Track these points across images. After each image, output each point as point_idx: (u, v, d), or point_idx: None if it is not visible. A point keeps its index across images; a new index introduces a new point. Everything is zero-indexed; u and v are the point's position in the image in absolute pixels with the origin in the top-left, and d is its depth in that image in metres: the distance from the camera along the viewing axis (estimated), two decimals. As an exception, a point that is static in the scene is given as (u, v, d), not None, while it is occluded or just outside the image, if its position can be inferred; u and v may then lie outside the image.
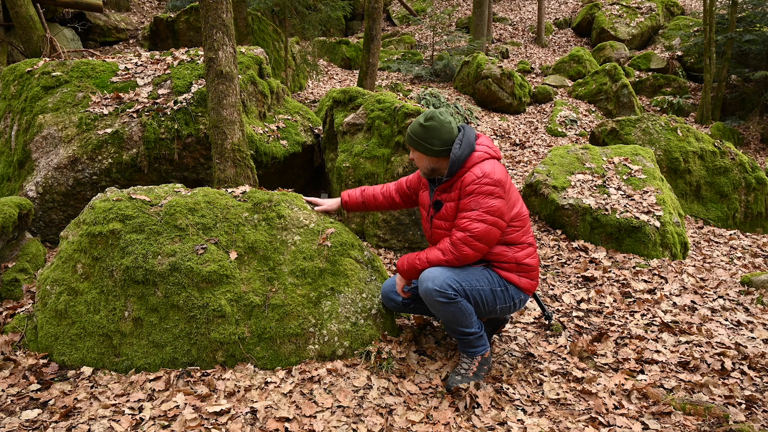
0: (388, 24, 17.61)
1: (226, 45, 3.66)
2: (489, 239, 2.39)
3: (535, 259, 2.55)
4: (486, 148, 2.49)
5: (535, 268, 2.55)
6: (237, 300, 2.61)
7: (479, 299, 2.46)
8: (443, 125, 2.45)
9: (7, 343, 2.67)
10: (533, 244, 2.56)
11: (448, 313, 2.44)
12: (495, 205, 2.36)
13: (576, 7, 17.68)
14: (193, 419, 2.18)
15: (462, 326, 2.47)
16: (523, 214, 2.52)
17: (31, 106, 4.25)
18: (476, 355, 2.53)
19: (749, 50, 11.16)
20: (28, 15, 7.55)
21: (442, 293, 2.37)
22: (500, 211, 2.37)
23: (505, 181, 2.40)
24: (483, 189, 2.36)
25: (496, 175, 2.37)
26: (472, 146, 2.45)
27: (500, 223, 2.39)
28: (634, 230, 4.35)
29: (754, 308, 3.37)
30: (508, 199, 2.41)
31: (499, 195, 2.36)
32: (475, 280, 2.45)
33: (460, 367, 2.53)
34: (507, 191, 2.41)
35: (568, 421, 2.24)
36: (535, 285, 2.59)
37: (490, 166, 2.40)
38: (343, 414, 2.26)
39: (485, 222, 2.36)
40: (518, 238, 2.49)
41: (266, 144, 4.60)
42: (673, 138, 5.98)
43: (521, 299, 2.56)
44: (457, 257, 2.41)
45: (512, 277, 2.50)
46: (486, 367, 2.55)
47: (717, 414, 2.23)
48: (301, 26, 9.50)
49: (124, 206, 2.71)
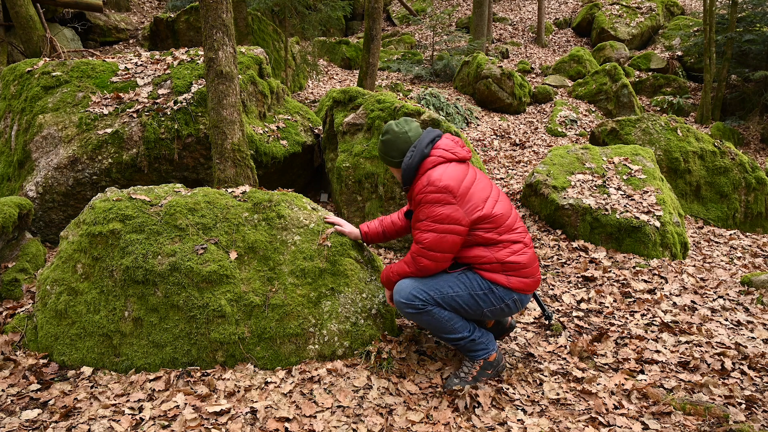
0: (388, 24, 17.61)
1: (226, 45, 3.66)
2: (444, 247, 2.31)
3: (523, 256, 2.39)
4: (441, 152, 2.41)
5: (525, 266, 2.40)
6: (237, 300, 2.61)
7: (457, 305, 2.39)
8: (398, 136, 2.48)
9: (7, 343, 2.67)
10: (520, 241, 2.41)
11: (423, 323, 2.44)
12: (443, 212, 2.28)
13: (576, 7, 17.68)
14: (193, 419, 2.18)
15: (445, 333, 2.45)
16: (496, 214, 2.37)
17: (31, 106, 4.25)
18: (477, 358, 2.49)
19: (749, 50, 11.16)
20: (28, 15, 7.55)
21: (409, 304, 2.38)
22: (451, 218, 2.28)
23: (454, 187, 2.30)
24: (428, 198, 2.30)
25: (443, 182, 2.29)
26: (423, 153, 2.41)
27: (456, 229, 2.29)
28: (634, 230, 4.35)
29: (754, 308, 3.37)
30: (463, 203, 2.30)
31: (447, 201, 2.28)
32: (448, 286, 2.39)
33: (461, 370, 2.52)
34: (460, 196, 2.30)
35: (568, 421, 2.24)
36: (530, 283, 2.43)
37: (438, 173, 2.32)
38: (343, 414, 2.26)
39: (435, 231, 2.29)
40: (495, 238, 2.36)
41: (266, 144, 4.60)
42: (673, 138, 5.98)
43: (515, 299, 2.43)
44: (418, 269, 2.38)
45: (498, 278, 2.38)
46: (489, 372, 2.51)
47: (717, 414, 2.23)
48: (301, 26, 9.50)
49: (124, 206, 2.71)
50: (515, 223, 2.45)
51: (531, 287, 2.46)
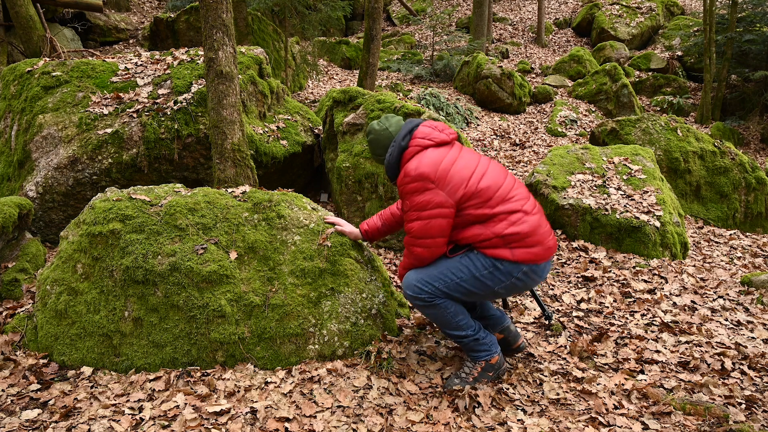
0: (388, 24, 17.61)
1: (226, 45, 3.66)
2: (433, 233, 2.29)
3: (523, 225, 2.28)
4: (418, 140, 2.40)
5: (528, 234, 2.28)
6: (237, 300, 2.61)
7: (465, 290, 2.35)
8: (380, 134, 2.53)
9: (7, 343, 2.67)
10: (517, 210, 2.31)
11: (430, 316, 2.43)
12: (423, 199, 2.26)
13: (576, 7, 17.68)
14: (193, 419, 2.18)
15: (450, 329, 2.43)
16: (482, 188, 2.29)
17: (31, 106, 4.25)
18: (479, 359, 2.48)
19: (749, 50, 11.16)
20: (28, 15, 7.55)
21: (416, 297, 2.38)
22: (433, 203, 2.25)
23: (429, 173, 2.26)
24: (407, 189, 2.31)
25: (419, 170, 2.27)
26: (401, 147, 2.42)
27: (441, 212, 2.26)
28: (634, 230, 4.35)
29: (754, 308, 3.37)
30: (443, 186, 2.26)
31: (425, 188, 2.26)
32: (451, 273, 2.34)
33: (462, 370, 2.51)
34: (438, 179, 2.26)
35: (568, 421, 2.24)
36: (538, 252, 2.31)
37: (413, 164, 2.31)
38: (343, 414, 2.26)
39: (420, 219, 2.29)
40: (488, 212, 2.28)
41: (266, 144, 4.60)
42: (673, 138, 5.98)
43: (524, 272, 2.31)
44: (415, 258, 2.39)
45: (502, 253, 2.28)
46: (490, 374, 2.49)
47: (717, 414, 2.23)
48: (301, 26, 9.50)
49: (124, 206, 2.71)
50: (509, 192, 2.35)
51: (540, 256, 2.33)
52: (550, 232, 2.39)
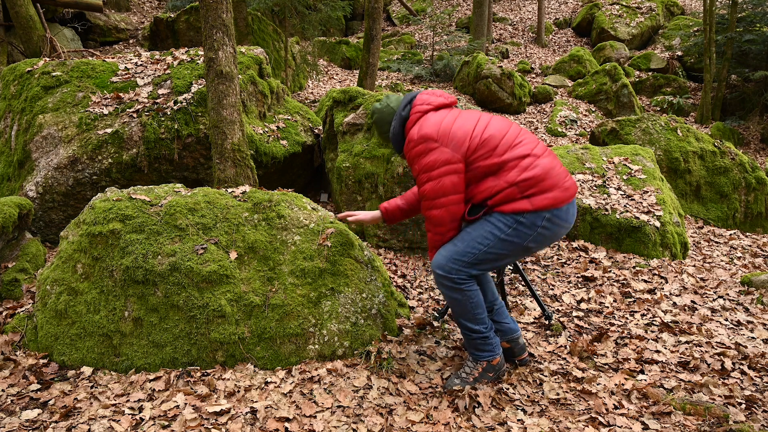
0: (388, 24, 17.61)
1: (226, 45, 3.66)
2: (446, 190, 2.26)
3: (536, 169, 2.23)
4: (417, 108, 2.42)
5: (542, 178, 2.23)
6: (237, 300, 2.61)
7: (495, 256, 2.31)
8: (383, 112, 2.56)
9: (7, 343, 2.67)
10: (527, 154, 2.26)
11: (452, 302, 2.39)
12: (430, 159, 2.26)
13: (576, 7, 17.68)
14: (193, 419, 2.18)
15: (466, 319, 2.41)
16: (486, 137, 2.27)
17: (31, 106, 4.25)
18: (481, 359, 2.47)
19: (749, 50, 11.16)
20: (28, 15, 7.55)
21: (444, 277, 2.35)
22: (440, 161, 2.24)
23: (431, 133, 2.28)
24: (413, 153, 2.33)
25: (421, 132, 2.30)
26: (402, 117, 2.46)
27: (451, 168, 2.24)
28: (634, 230, 4.35)
29: (754, 308, 3.37)
30: (447, 143, 2.26)
31: (429, 148, 2.27)
32: (476, 243, 2.30)
33: (462, 370, 2.51)
34: (440, 137, 2.27)
35: (568, 421, 2.24)
36: (558, 195, 2.24)
37: (415, 130, 2.34)
38: (343, 414, 2.26)
39: (431, 179, 2.26)
40: (497, 161, 2.25)
41: (266, 144, 4.60)
42: (673, 138, 5.98)
43: (548, 218, 2.25)
44: (435, 224, 2.33)
45: (521, 205, 2.23)
46: (490, 374, 2.49)
47: (717, 414, 2.23)
48: (301, 26, 9.50)
49: (124, 206, 2.71)
50: (516, 137, 2.31)
51: (560, 199, 2.26)
52: (566, 173, 2.33)
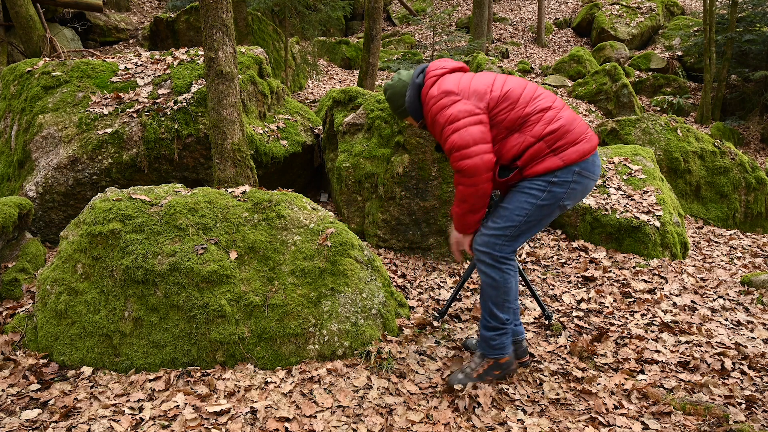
0: (388, 24, 17.61)
1: (226, 45, 3.66)
2: (475, 138, 2.22)
3: (560, 121, 2.25)
4: (432, 73, 2.43)
5: (567, 129, 2.25)
6: (237, 300, 2.61)
7: (536, 221, 2.31)
8: (395, 86, 2.56)
9: (7, 343, 2.67)
10: (549, 107, 2.27)
11: (487, 283, 2.37)
12: (454, 110, 2.26)
13: (576, 7, 17.68)
14: (193, 419, 2.18)
15: (495, 305, 2.38)
16: (506, 90, 2.30)
17: (31, 106, 4.25)
18: (488, 356, 2.45)
19: (749, 50, 11.16)
20: (28, 15, 7.55)
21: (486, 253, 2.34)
22: (464, 111, 2.25)
23: (452, 88, 2.30)
24: (434, 109, 2.32)
25: (441, 88, 2.32)
26: (416, 85, 2.47)
27: (475, 119, 2.24)
28: (634, 230, 4.35)
29: (754, 308, 3.37)
30: (469, 96, 2.28)
31: (452, 101, 2.27)
32: (515, 215, 2.30)
33: (468, 365, 2.48)
34: (461, 91, 2.29)
35: (568, 421, 2.24)
36: (584, 147, 2.26)
37: (435, 89, 2.35)
38: (343, 414, 2.26)
39: (456, 129, 2.24)
40: (520, 113, 2.26)
41: (266, 144, 4.60)
42: (673, 138, 5.97)
43: (578, 172, 2.26)
44: (466, 175, 2.24)
45: (552, 163, 2.24)
46: (496, 373, 2.46)
47: (717, 414, 2.23)
48: (301, 26, 9.50)
49: (124, 206, 2.71)
50: (535, 91, 2.33)
51: (587, 150, 2.28)
52: (587, 125, 2.33)
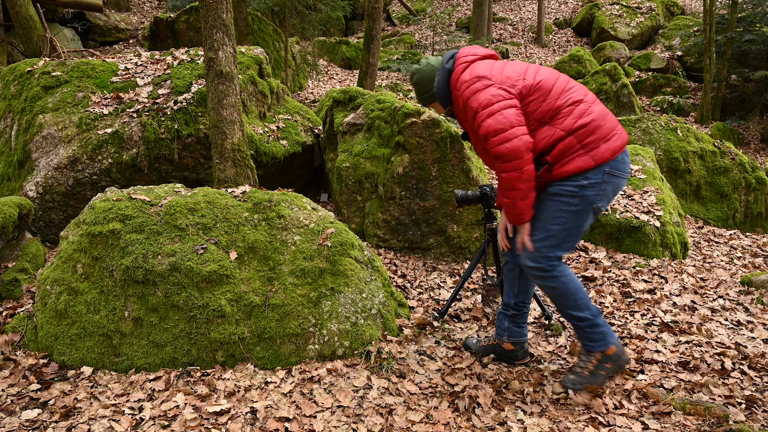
0: (388, 24, 17.61)
1: (226, 45, 3.66)
2: (511, 121, 2.15)
3: (591, 115, 2.19)
4: (462, 58, 2.38)
5: (598, 124, 2.19)
6: (237, 300, 2.61)
7: (573, 229, 2.26)
8: (424, 70, 2.49)
9: (7, 343, 2.67)
10: (580, 100, 2.22)
11: (550, 292, 2.34)
12: (488, 95, 2.20)
13: (576, 7, 17.68)
14: (193, 419, 2.18)
15: (569, 307, 2.32)
16: (539, 80, 2.24)
17: (31, 106, 4.25)
18: (593, 350, 2.34)
19: (749, 50, 11.15)
20: (28, 15, 7.55)
21: (534, 268, 2.30)
22: (498, 95, 2.20)
23: (485, 73, 2.26)
24: (466, 93, 2.27)
25: (473, 73, 2.27)
26: (446, 70, 2.41)
27: (510, 103, 2.18)
28: (634, 230, 4.35)
29: (754, 308, 3.37)
30: (501, 82, 2.23)
31: (485, 85, 2.23)
32: (550, 225, 2.26)
33: (576, 365, 2.41)
34: (494, 76, 2.24)
35: (568, 421, 2.24)
36: (614, 145, 2.20)
37: (467, 73, 2.30)
38: (343, 414, 2.26)
39: (491, 113, 2.18)
40: (552, 104, 2.21)
41: (266, 144, 4.60)
42: (673, 138, 5.97)
43: (608, 171, 2.21)
44: (507, 160, 2.16)
45: (582, 163, 2.18)
46: (608, 366, 2.31)
47: (717, 414, 2.23)
48: (301, 26, 9.50)
49: (124, 206, 2.71)
50: (568, 83, 2.28)
51: (617, 148, 2.22)
52: (617, 121, 2.28)
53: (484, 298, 3.42)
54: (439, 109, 2.54)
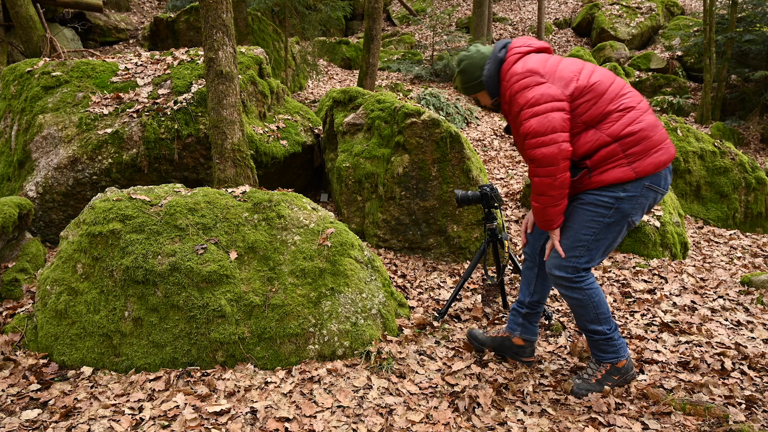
0: (388, 24, 17.61)
1: (226, 45, 3.66)
2: (555, 126, 2.11)
3: (640, 124, 2.11)
4: (516, 49, 2.30)
5: (646, 135, 2.12)
6: (237, 300, 2.61)
7: (606, 240, 2.23)
8: (473, 56, 2.40)
9: (7, 343, 2.67)
10: (633, 107, 2.15)
11: (573, 303, 2.33)
12: (536, 93, 2.14)
13: (576, 7, 17.68)
14: (193, 419, 2.18)
15: (589, 320, 2.33)
16: (593, 82, 2.17)
17: (31, 106, 4.25)
18: (604, 361, 2.38)
19: (749, 50, 11.15)
20: (28, 15, 7.55)
21: (560, 277, 2.29)
22: (547, 95, 2.13)
23: (538, 68, 2.18)
24: (516, 87, 2.19)
25: (526, 66, 2.20)
26: (498, 59, 2.32)
27: (559, 105, 2.12)
28: (634, 230, 4.34)
29: (754, 308, 3.37)
30: (554, 80, 2.16)
31: (536, 82, 2.16)
32: (582, 235, 2.23)
33: (585, 371, 2.45)
34: (547, 74, 2.18)
35: (568, 421, 2.24)
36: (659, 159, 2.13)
37: (520, 65, 2.22)
38: (343, 414, 2.26)
39: (536, 114, 2.12)
40: (602, 109, 2.14)
41: (266, 144, 4.60)
42: (673, 138, 5.97)
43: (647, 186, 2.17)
44: (542, 165, 2.13)
45: (621, 173, 2.13)
46: (615, 377, 2.38)
47: (717, 414, 2.23)
48: (301, 26, 9.50)
49: (124, 206, 2.71)
50: (623, 88, 2.20)
51: (662, 162, 2.16)
52: (667, 135, 2.21)
53: (484, 298, 3.43)
54: (485, 99, 2.47)
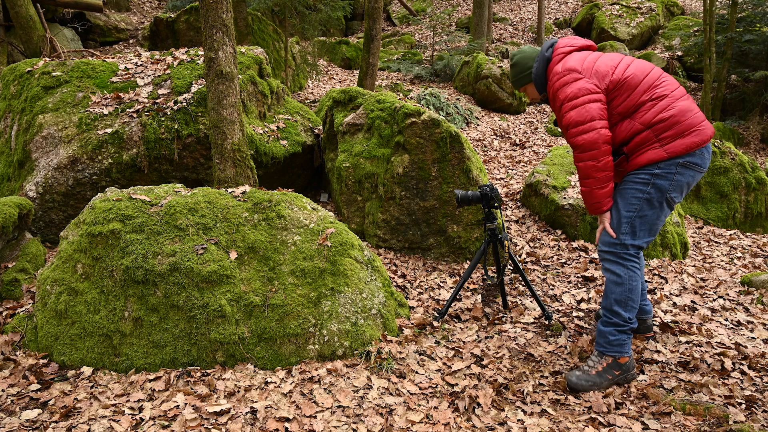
0: (388, 24, 17.61)
1: (226, 45, 3.66)
2: (593, 114, 2.31)
3: (671, 111, 2.28)
4: (560, 49, 2.52)
5: (677, 120, 2.28)
6: (237, 300, 2.61)
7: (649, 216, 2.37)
8: (525, 53, 2.64)
9: (7, 343, 2.67)
10: (665, 95, 2.31)
11: (612, 280, 2.44)
12: (574, 88, 2.35)
13: (576, 7, 17.68)
14: (193, 419, 2.18)
15: (617, 303, 2.43)
16: (628, 76, 2.35)
17: (31, 106, 4.25)
18: (606, 353, 2.46)
19: (749, 50, 11.15)
20: (28, 15, 7.55)
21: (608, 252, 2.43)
22: (584, 89, 2.34)
23: (577, 66, 2.39)
24: (557, 85, 2.42)
25: (566, 65, 2.41)
26: (545, 58, 2.55)
27: (594, 97, 2.33)
28: (634, 230, 4.34)
29: (754, 308, 3.37)
30: (591, 76, 2.36)
31: (574, 79, 2.37)
32: (626, 211, 2.39)
33: (586, 363, 2.50)
34: (585, 70, 2.38)
35: (568, 421, 2.24)
36: (692, 140, 2.28)
37: (560, 65, 2.44)
38: (343, 414, 2.26)
39: (575, 106, 2.34)
40: (635, 100, 2.33)
41: (266, 144, 4.60)
42: (673, 138, 5.97)
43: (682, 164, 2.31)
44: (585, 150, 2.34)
45: (655, 154, 2.30)
46: (616, 372, 2.44)
47: (717, 414, 2.23)
48: (301, 26, 9.50)
49: (124, 206, 2.71)
50: (657, 79, 2.36)
51: (695, 143, 2.30)
52: (703, 118, 2.33)
53: (484, 298, 3.43)
54: (533, 93, 2.69)
